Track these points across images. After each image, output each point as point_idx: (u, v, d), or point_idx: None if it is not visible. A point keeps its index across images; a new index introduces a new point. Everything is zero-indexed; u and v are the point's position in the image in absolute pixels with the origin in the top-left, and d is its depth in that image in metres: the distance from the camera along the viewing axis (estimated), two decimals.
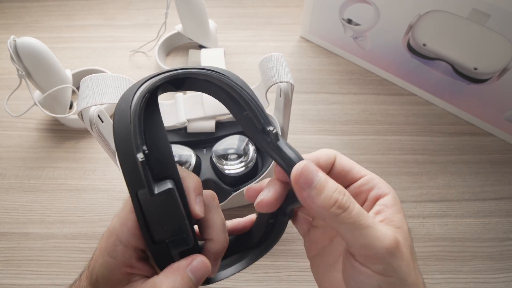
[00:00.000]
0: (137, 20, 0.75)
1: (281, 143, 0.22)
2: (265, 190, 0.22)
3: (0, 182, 0.50)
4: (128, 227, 0.21)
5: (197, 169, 0.43)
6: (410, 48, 0.56)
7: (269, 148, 0.22)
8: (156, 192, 0.19)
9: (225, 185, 0.42)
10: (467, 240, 0.45)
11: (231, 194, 0.41)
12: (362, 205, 0.23)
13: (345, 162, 0.23)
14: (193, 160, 0.42)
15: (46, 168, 0.52)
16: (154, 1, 0.79)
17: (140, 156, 0.18)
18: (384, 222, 0.20)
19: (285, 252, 0.43)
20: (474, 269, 0.42)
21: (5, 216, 0.47)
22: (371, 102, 0.60)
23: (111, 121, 0.39)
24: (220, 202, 0.42)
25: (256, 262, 0.25)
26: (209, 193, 0.23)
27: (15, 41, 0.46)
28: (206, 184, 0.43)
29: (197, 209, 0.21)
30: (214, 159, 0.42)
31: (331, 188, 0.19)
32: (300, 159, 0.21)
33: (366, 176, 0.23)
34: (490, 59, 0.49)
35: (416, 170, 0.51)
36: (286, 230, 0.25)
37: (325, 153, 0.23)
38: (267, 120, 0.22)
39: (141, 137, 0.19)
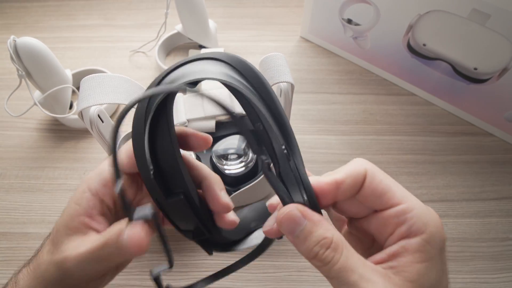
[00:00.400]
0: (137, 20, 0.75)
1: (275, 178, 0.19)
2: (271, 219, 0.22)
3: (0, 182, 0.50)
4: (101, 178, 0.21)
5: None
6: (410, 48, 0.56)
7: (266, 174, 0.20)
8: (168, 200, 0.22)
9: (225, 185, 0.42)
10: (467, 240, 0.45)
11: (231, 194, 0.41)
12: (388, 237, 0.20)
13: (376, 184, 0.20)
14: None
15: (46, 168, 0.52)
16: (154, 1, 0.79)
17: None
18: (395, 270, 0.18)
19: (285, 252, 0.43)
20: (474, 269, 0.42)
21: (5, 216, 0.47)
22: (371, 102, 0.60)
23: (111, 121, 0.39)
24: None
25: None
26: (186, 153, 0.25)
27: (15, 41, 0.46)
28: None
29: (224, 199, 0.23)
30: (214, 159, 0.42)
31: (313, 240, 0.18)
32: (292, 201, 0.20)
33: (401, 205, 0.19)
34: (490, 59, 0.49)
35: (416, 170, 0.51)
36: None
37: (352, 173, 0.20)
38: (263, 150, 0.20)
39: (146, 158, 0.21)
